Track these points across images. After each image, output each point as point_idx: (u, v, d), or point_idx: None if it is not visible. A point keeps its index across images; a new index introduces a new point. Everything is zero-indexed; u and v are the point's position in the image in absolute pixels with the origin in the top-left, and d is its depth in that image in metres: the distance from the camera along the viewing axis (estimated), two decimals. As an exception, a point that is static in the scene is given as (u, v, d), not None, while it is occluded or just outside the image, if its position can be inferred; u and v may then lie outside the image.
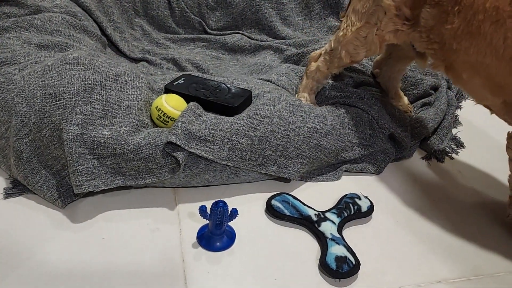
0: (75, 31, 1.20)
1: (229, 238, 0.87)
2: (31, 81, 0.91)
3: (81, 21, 1.24)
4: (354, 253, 0.84)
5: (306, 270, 0.83)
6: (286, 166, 0.98)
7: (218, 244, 0.85)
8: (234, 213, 0.83)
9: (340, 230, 0.89)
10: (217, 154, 0.92)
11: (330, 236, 0.87)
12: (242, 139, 0.94)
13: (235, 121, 0.95)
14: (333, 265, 0.81)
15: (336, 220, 0.90)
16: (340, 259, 0.82)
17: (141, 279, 0.78)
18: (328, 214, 0.91)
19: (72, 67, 0.92)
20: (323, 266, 0.82)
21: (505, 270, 0.87)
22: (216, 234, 0.85)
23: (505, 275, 0.86)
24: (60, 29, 1.17)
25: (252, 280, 0.80)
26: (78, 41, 1.16)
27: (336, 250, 0.84)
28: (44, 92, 0.89)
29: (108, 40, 1.34)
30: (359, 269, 0.82)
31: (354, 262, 0.82)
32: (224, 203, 0.80)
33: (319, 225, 0.89)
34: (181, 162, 0.88)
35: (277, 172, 0.98)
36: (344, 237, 0.89)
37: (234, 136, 0.93)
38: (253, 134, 0.95)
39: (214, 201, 0.81)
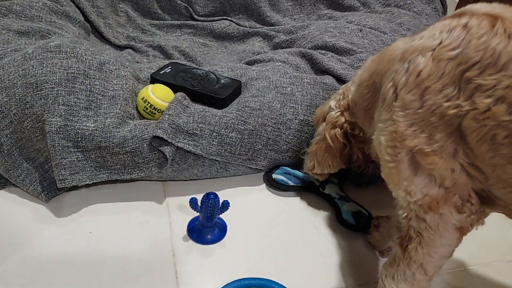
0: (56, 17, 1.15)
1: (221, 231, 0.85)
2: (11, 70, 0.87)
3: (63, 7, 1.19)
4: (363, 207, 0.89)
5: (299, 262, 0.81)
6: (276, 160, 0.97)
7: (209, 236, 0.83)
8: (226, 205, 0.81)
9: (342, 188, 0.93)
10: (206, 149, 0.90)
11: (337, 196, 0.91)
12: (232, 133, 0.91)
13: (224, 114, 0.92)
14: (351, 220, 0.86)
15: (335, 180, 0.94)
16: (356, 214, 0.87)
17: (130, 273, 0.76)
18: None
19: (54, 55, 0.88)
20: (342, 224, 0.87)
21: (501, 259, 0.87)
22: (207, 226, 0.83)
23: (501, 264, 0.86)
24: (40, 15, 1.12)
25: (245, 273, 0.78)
26: (60, 28, 1.12)
27: (349, 207, 0.89)
28: (24, 81, 0.85)
29: (92, 27, 1.29)
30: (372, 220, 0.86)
31: (367, 214, 0.88)
32: (215, 195, 0.78)
33: (323, 188, 0.93)
34: (168, 157, 0.85)
35: (267, 167, 0.97)
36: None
37: (223, 130, 0.91)
38: (242, 127, 0.92)
39: (204, 193, 0.79)
